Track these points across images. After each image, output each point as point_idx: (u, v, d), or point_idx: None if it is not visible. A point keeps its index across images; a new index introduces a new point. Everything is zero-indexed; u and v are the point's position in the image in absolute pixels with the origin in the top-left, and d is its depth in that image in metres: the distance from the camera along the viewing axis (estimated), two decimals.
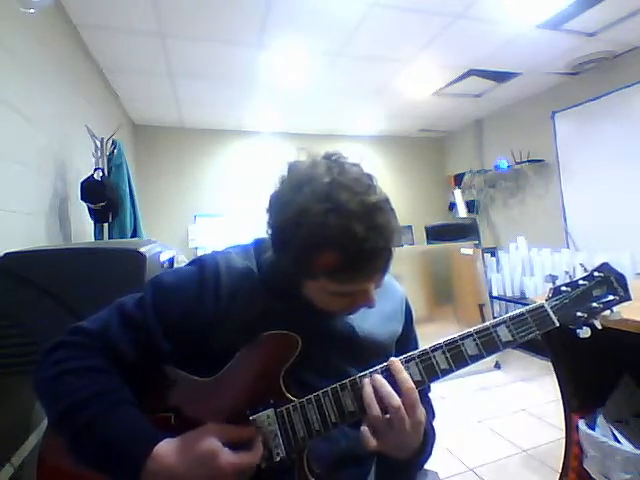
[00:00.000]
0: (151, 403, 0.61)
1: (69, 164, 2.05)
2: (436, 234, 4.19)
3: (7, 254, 1.12)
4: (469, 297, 3.23)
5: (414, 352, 0.62)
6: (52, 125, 1.88)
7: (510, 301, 3.60)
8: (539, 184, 3.96)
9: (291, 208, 0.57)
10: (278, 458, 0.58)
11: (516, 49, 2.86)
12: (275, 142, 4.60)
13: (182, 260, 3.05)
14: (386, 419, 0.56)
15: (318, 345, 0.66)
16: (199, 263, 0.70)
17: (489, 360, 2.87)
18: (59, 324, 0.66)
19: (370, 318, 0.73)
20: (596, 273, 0.68)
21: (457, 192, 4.66)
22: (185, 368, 0.64)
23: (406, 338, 0.80)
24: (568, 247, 3.59)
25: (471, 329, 0.63)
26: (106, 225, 2.07)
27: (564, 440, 1.53)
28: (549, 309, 0.64)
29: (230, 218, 4.28)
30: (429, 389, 0.79)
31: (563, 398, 1.52)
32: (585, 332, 0.65)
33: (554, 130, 3.72)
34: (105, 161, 2.14)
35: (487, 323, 0.63)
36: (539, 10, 2.38)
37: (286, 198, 0.59)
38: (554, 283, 0.69)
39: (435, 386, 0.69)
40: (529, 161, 3.92)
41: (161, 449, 0.54)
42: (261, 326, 0.63)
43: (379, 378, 0.58)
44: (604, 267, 0.68)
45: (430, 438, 0.68)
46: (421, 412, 0.58)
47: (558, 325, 0.64)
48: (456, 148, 5.17)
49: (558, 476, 1.56)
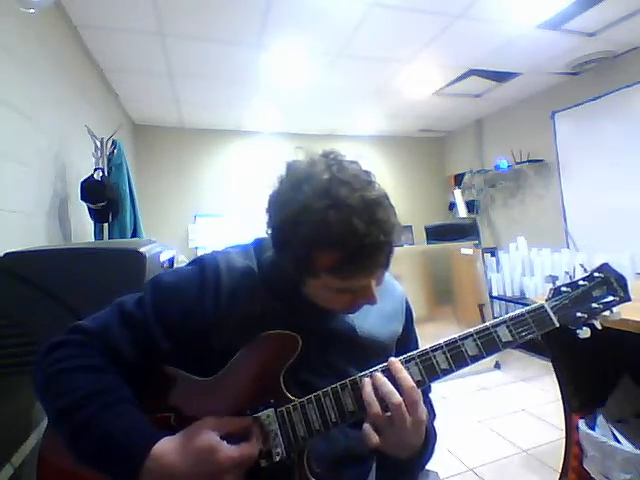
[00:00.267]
0: (151, 403, 0.61)
1: (69, 164, 2.05)
2: (436, 234, 4.19)
3: (7, 254, 1.12)
4: (469, 297, 3.23)
5: (414, 352, 0.62)
6: (52, 125, 1.88)
7: (510, 301, 3.60)
8: (539, 184, 3.96)
9: (291, 207, 0.57)
10: (278, 457, 0.58)
11: (516, 49, 2.86)
12: (275, 142, 4.60)
13: (182, 260, 3.07)
14: (387, 417, 0.56)
15: (318, 345, 0.66)
16: (199, 263, 0.70)
17: (489, 360, 2.86)
18: (59, 324, 0.65)
19: (370, 318, 0.73)
20: (596, 274, 0.68)
21: (457, 192, 4.66)
22: (185, 368, 0.64)
23: (406, 338, 0.80)
24: (568, 247, 3.59)
25: (471, 329, 0.63)
26: (106, 225, 2.07)
27: (564, 440, 1.53)
28: (549, 309, 0.64)
29: (230, 218, 4.29)
30: (430, 389, 0.79)
31: (563, 398, 1.52)
32: (585, 332, 0.65)
33: (554, 130, 3.72)
34: (105, 161, 2.14)
35: (487, 323, 0.63)
36: (539, 10, 2.38)
37: (285, 197, 0.59)
38: (554, 283, 0.69)
39: (435, 386, 0.70)
40: (529, 161, 3.92)
41: (160, 447, 0.53)
42: (261, 326, 0.63)
43: (380, 376, 0.59)
44: (604, 268, 0.68)
45: (432, 438, 0.68)
46: (422, 411, 0.58)
47: (558, 325, 0.64)
48: (456, 148, 5.17)
49: (558, 476, 1.56)
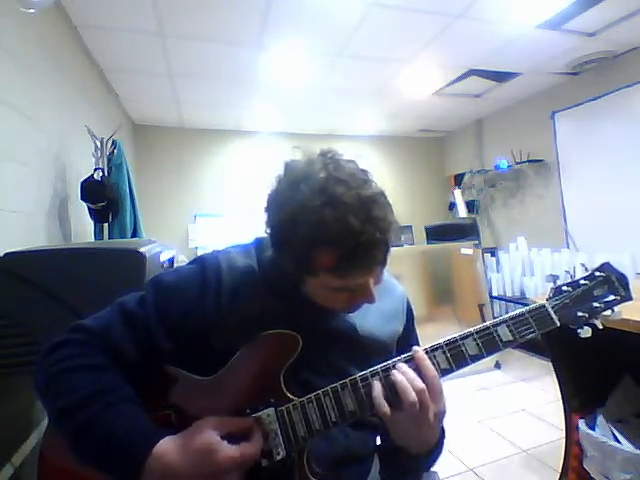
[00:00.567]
0: (151, 402, 0.61)
1: (69, 164, 2.05)
2: (436, 234, 4.19)
3: (7, 254, 1.12)
4: (469, 297, 3.23)
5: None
6: (52, 125, 1.88)
7: (510, 301, 3.60)
8: (539, 184, 3.96)
9: (289, 206, 0.57)
10: (278, 457, 0.58)
11: (516, 49, 2.86)
12: (275, 142, 4.60)
13: (182, 260, 3.06)
14: (414, 401, 0.56)
15: (319, 344, 0.66)
16: (200, 262, 0.70)
17: (489, 360, 2.87)
18: (59, 324, 0.65)
19: (371, 317, 0.73)
20: (597, 273, 0.68)
21: (457, 192, 4.66)
22: (185, 367, 0.64)
23: (407, 337, 0.80)
24: (568, 247, 3.59)
25: (471, 329, 0.63)
26: (106, 225, 2.07)
27: (564, 440, 1.53)
28: (550, 309, 0.64)
29: (230, 218, 4.29)
30: None
31: (563, 398, 1.52)
32: (586, 332, 0.65)
33: (554, 130, 3.72)
34: (105, 161, 2.14)
35: (487, 323, 0.63)
36: (539, 10, 2.38)
37: (283, 196, 0.60)
38: (555, 283, 0.69)
39: None
40: (529, 161, 3.92)
41: (162, 447, 0.53)
42: (262, 325, 0.63)
43: (404, 366, 0.59)
44: (605, 267, 0.68)
45: (442, 438, 0.68)
46: (444, 403, 0.59)
47: (559, 325, 0.64)
48: (456, 148, 5.17)
49: (558, 476, 1.56)
